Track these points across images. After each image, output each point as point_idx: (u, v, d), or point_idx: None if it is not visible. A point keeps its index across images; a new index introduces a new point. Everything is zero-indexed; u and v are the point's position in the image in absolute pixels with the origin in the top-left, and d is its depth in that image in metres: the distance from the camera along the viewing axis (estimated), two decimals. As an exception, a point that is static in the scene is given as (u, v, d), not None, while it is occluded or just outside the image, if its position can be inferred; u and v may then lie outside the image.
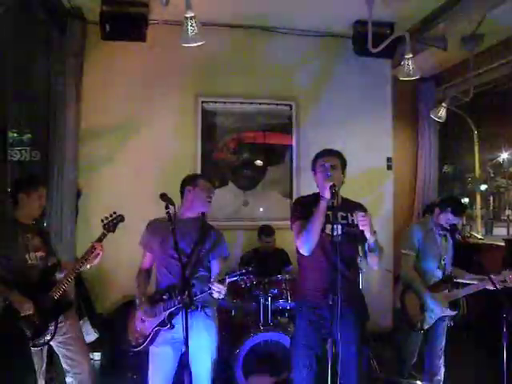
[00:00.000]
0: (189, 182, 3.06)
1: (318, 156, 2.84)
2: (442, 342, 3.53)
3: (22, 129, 4.74)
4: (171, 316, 2.78)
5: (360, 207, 2.87)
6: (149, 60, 5.06)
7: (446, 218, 3.49)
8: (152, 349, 2.87)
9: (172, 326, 2.77)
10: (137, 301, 2.92)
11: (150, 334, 2.83)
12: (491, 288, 3.32)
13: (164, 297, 2.81)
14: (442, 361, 3.52)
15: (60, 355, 3.17)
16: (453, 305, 3.45)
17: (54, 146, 4.61)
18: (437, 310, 3.40)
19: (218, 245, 3.01)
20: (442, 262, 3.53)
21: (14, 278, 2.99)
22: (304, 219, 2.71)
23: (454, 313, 3.47)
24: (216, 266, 3.00)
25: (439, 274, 3.54)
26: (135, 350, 2.93)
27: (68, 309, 3.20)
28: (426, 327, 3.42)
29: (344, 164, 2.84)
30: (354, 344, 2.67)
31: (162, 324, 2.80)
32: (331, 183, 2.58)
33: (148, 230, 3.05)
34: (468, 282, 3.57)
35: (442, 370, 3.51)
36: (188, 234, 2.90)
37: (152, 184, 4.66)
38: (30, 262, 3.07)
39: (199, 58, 5.00)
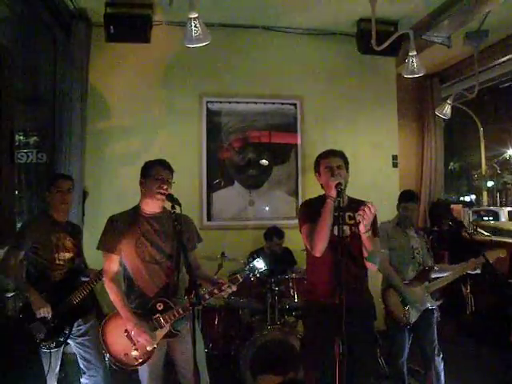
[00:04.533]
0: (141, 172, 2.79)
1: (322, 157, 2.83)
2: (434, 334, 3.53)
3: (29, 131, 4.77)
4: (176, 323, 2.66)
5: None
6: (153, 61, 5.09)
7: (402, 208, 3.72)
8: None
9: (179, 332, 2.68)
10: (129, 322, 2.61)
11: (154, 348, 2.63)
12: (472, 272, 3.38)
13: (158, 308, 2.63)
14: (437, 352, 3.51)
15: (78, 355, 3.21)
16: (435, 295, 3.48)
17: (60, 147, 4.62)
18: (419, 303, 3.43)
19: (193, 233, 2.86)
20: (417, 256, 3.57)
21: (38, 274, 3.03)
22: (312, 221, 2.71)
23: (438, 303, 3.49)
24: (193, 257, 2.84)
25: (414, 267, 3.57)
26: (136, 368, 2.70)
27: (86, 314, 3.21)
28: (412, 321, 3.43)
29: (347, 163, 2.84)
30: (362, 343, 2.67)
31: (170, 335, 2.66)
32: (337, 181, 2.57)
33: (113, 230, 2.70)
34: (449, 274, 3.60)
35: (441, 362, 3.51)
36: (162, 231, 2.71)
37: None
38: (57, 261, 3.09)
39: (203, 58, 5.02)
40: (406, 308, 3.43)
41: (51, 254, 3.08)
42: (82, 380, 3.21)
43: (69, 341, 3.14)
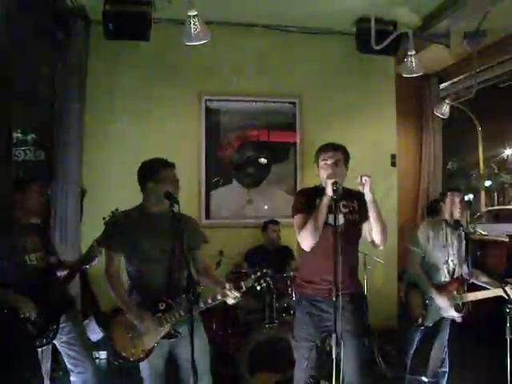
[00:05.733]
0: (147, 174, 2.81)
1: (322, 150, 2.81)
2: (445, 337, 3.54)
3: (26, 129, 4.76)
4: (176, 326, 2.67)
5: (362, 196, 2.86)
6: (152, 59, 5.08)
7: (449, 204, 3.48)
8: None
9: (179, 333, 2.67)
10: (130, 313, 2.64)
11: (154, 347, 2.66)
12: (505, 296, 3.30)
13: (161, 307, 2.65)
14: (445, 354, 3.53)
15: (63, 354, 3.16)
16: (458, 307, 3.42)
17: (58, 145, 4.61)
18: (440, 310, 3.40)
19: (196, 231, 2.89)
20: (450, 263, 3.49)
21: (13, 279, 2.96)
22: (305, 212, 2.71)
23: (457, 315, 3.43)
24: (200, 256, 2.88)
25: (445, 272, 3.51)
26: (133, 364, 2.72)
27: (70, 309, 3.19)
28: (427, 324, 3.43)
29: (347, 158, 2.83)
30: (355, 335, 2.68)
31: (170, 336, 2.66)
32: (333, 180, 2.56)
33: (114, 227, 2.76)
34: (482, 284, 3.54)
35: (447, 361, 3.53)
36: (163, 230, 2.70)
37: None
38: (29, 262, 3.04)
39: (202, 56, 5.02)
40: (425, 311, 3.41)
41: (21, 256, 3.02)
42: (71, 378, 3.16)
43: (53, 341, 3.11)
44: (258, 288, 2.75)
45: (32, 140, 4.77)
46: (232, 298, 2.65)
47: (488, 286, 3.49)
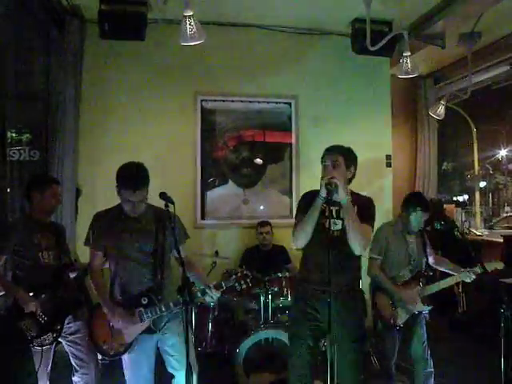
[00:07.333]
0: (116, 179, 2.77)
1: (323, 153, 2.83)
2: (424, 335, 3.52)
3: (21, 128, 4.74)
4: (157, 321, 2.69)
5: (367, 201, 2.85)
6: (148, 59, 5.06)
7: (418, 218, 3.46)
8: (127, 355, 2.73)
9: (159, 330, 2.71)
10: (104, 306, 2.69)
11: (133, 341, 2.68)
12: (467, 280, 3.36)
13: (143, 302, 2.66)
14: (427, 352, 3.51)
15: (69, 353, 3.20)
16: (426, 300, 3.44)
17: (53, 145, 4.60)
18: (408, 307, 3.41)
19: (181, 228, 2.87)
20: (412, 263, 3.51)
21: (25, 275, 3.02)
22: (303, 214, 2.72)
23: (427, 308, 3.46)
24: (183, 252, 2.80)
25: (408, 274, 3.52)
26: (113, 358, 2.75)
27: (76, 310, 3.21)
28: (400, 323, 3.43)
29: (350, 159, 2.78)
30: (348, 340, 2.67)
31: (149, 331, 2.68)
32: (326, 181, 2.56)
33: (97, 227, 2.77)
34: (446, 271, 3.60)
35: (430, 361, 3.50)
36: (143, 229, 2.73)
37: (151, 183, 4.66)
38: (42, 260, 3.09)
39: (198, 56, 5.01)
40: (395, 310, 3.43)
41: (35, 254, 3.07)
42: (74, 378, 3.19)
43: (60, 339, 3.13)
44: (238, 288, 2.77)
45: (27, 140, 4.75)
46: (210, 296, 2.68)
47: (451, 272, 3.53)
